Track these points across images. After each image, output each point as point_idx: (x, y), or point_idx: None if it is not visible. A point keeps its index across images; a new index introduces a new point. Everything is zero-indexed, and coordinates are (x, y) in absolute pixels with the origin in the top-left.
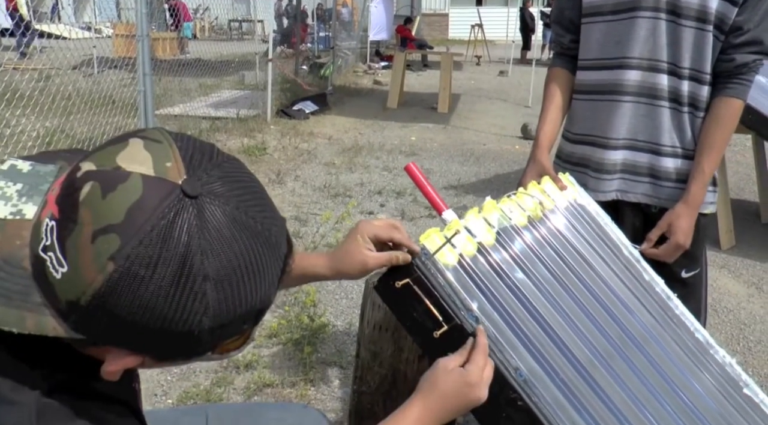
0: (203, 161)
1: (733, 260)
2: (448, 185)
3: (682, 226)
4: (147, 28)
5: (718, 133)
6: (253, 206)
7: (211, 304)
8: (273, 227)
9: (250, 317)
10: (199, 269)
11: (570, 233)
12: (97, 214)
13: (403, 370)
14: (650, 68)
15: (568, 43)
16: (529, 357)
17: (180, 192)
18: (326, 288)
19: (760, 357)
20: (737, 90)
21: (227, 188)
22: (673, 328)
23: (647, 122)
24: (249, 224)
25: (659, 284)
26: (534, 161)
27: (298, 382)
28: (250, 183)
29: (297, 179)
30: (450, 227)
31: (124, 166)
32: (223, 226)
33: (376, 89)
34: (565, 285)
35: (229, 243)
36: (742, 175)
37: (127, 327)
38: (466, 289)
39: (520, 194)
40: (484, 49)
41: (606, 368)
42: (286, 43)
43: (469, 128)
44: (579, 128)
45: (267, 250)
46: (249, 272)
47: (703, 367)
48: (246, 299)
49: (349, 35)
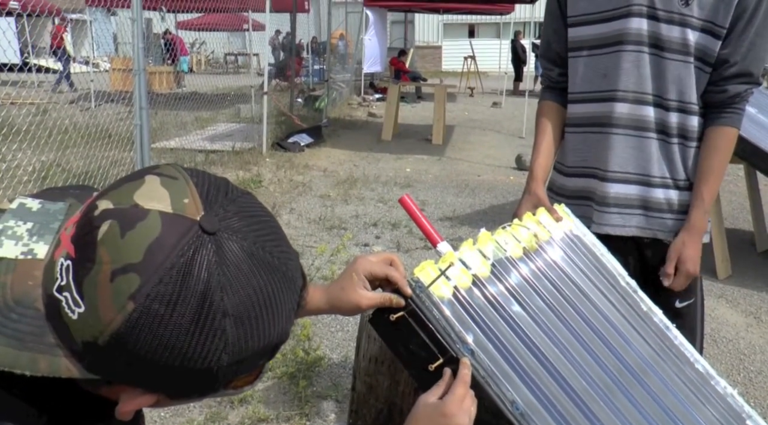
0: (219, 197)
1: (731, 289)
2: (443, 216)
3: (690, 254)
4: (143, 63)
5: (715, 161)
6: (269, 240)
7: (230, 340)
8: (289, 261)
9: (267, 352)
10: (219, 306)
11: (566, 264)
12: (116, 253)
13: (399, 404)
14: (636, 101)
15: (557, 76)
16: (525, 389)
17: (198, 229)
18: (322, 321)
19: (761, 388)
20: (732, 119)
21: (244, 223)
22: (673, 359)
23: (637, 153)
24: (266, 259)
25: (657, 315)
26: (529, 193)
27: (293, 416)
28: (266, 218)
29: (292, 212)
30: (444, 260)
31: (142, 203)
32: (241, 262)
33: (370, 121)
34: (561, 317)
35: (248, 279)
36: (736, 204)
37: (145, 366)
38: (461, 321)
39: (515, 225)
40: (477, 80)
41: (605, 401)
42: (281, 76)
43: (464, 160)
44: (573, 161)
45: (284, 285)
46: (267, 307)
47: (705, 399)
48: (264, 334)
49: (343, 68)
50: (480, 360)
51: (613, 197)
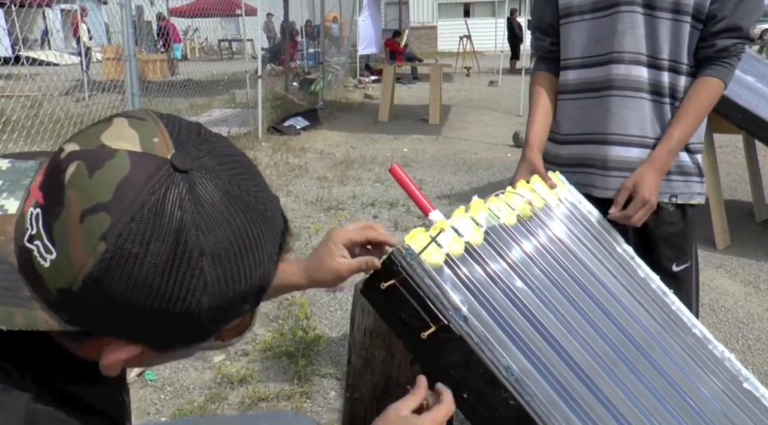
0: (191, 137)
1: (729, 259)
2: (441, 194)
3: (645, 183)
4: (134, 49)
5: (691, 105)
6: (246, 179)
7: (209, 281)
8: (268, 202)
9: (250, 297)
10: (195, 245)
11: (561, 231)
12: (84, 193)
13: (396, 376)
14: (632, 62)
15: (549, 46)
16: (520, 355)
17: (170, 167)
18: (320, 301)
19: (760, 355)
20: (717, 70)
21: (218, 161)
22: (671, 324)
23: (635, 115)
24: (243, 197)
25: (654, 281)
26: (524, 160)
27: (294, 395)
28: (241, 158)
29: (289, 194)
30: (436, 228)
31: (110, 144)
32: (216, 200)
33: (366, 103)
34: (557, 283)
35: (224, 217)
36: (735, 176)
37: (123, 311)
38: (454, 288)
39: (508, 192)
40: (474, 60)
41: (608, 373)
42: (276, 61)
43: (461, 138)
44: (568, 128)
45: (263, 224)
46: (246, 246)
47: (704, 365)
48: (245, 275)
49: (338, 50)
50: (473, 326)
51: (614, 160)
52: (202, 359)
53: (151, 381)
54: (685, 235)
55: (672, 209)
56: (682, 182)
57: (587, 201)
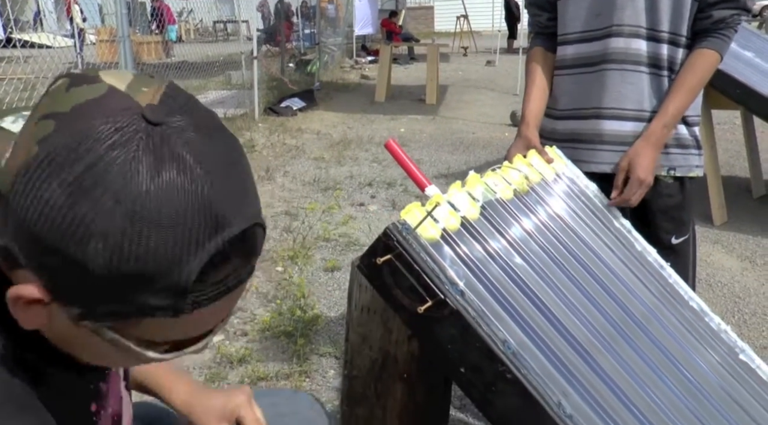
0: (189, 108)
1: (726, 235)
2: (438, 174)
3: (641, 162)
4: (128, 30)
5: (687, 77)
6: (220, 178)
7: (110, 231)
8: (230, 208)
9: (159, 287)
10: (114, 190)
11: (558, 205)
12: (51, 102)
13: (393, 352)
14: (631, 35)
15: (545, 21)
16: (517, 329)
17: (140, 114)
18: (318, 280)
19: (755, 329)
20: (713, 43)
21: (201, 141)
22: (667, 297)
23: (632, 88)
24: (198, 180)
25: (651, 254)
26: (521, 137)
27: (293, 374)
28: (235, 160)
29: (286, 175)
30: (432, 202)
31: (103, 76)
32: (167, 169)
33: (363, 84)
34: (554, 258)
35: (165, 190)
36: (732, 152)
37: (25, 234)
38: (450, 263)
39: (505, 167)
40: (471, 39)
41: (605, 346)
42: (272, 42)
43: (458, 118)
44: (564, 104)
45: (205, 219)
46: (174, 223)
47: (701, 337)
48: (157, 251)
49: (334, 31)
50: (470, 300)
51: (608, 134)
52: None
53: None
54: (683, 207)
55: (670, 181)
56: (680, 155)
57: (584, 176)
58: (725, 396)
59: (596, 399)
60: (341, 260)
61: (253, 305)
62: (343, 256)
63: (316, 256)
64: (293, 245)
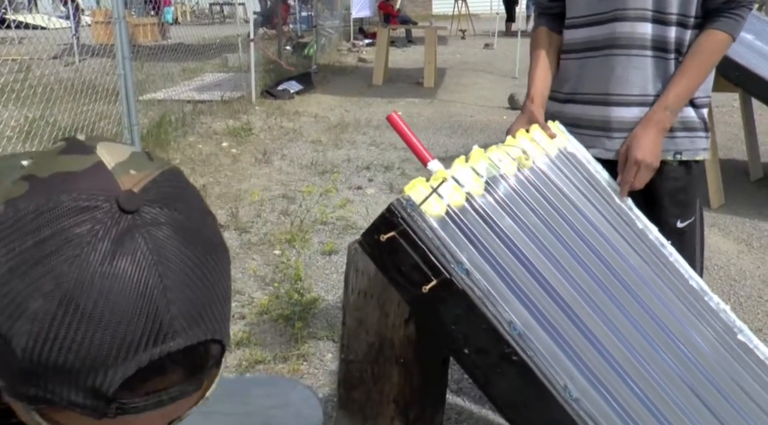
0: (174, 201)
1: (723, 218)
2: (436, 157)
3: (638, 144)
4: (123, 11)
5: (694, 60)
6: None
7: (40, 314)
8: (181, 319)
9: (81, 383)
10: (57, 270)
11: (560, 181)
12: (39, 163)
13: (390, 336)
14: (637, 18)
15: (548, 2)
16: (523, 309)
17: (114, 199)
18: (315, 264)
19: (750, 312)
20: (723, 23)
21: (172, 240)
22: (667, 275)
23: (638, 73)
24: (150, 287)
25: (652, 232)
26: (524, 112)
27: (290, 357)
28: (206, 271)
29: (284, 158)
30: (436, 177)
31: (99, 148)
32: (119, 262)
33: (360, 67)
34: (557, 233)
35: (110, 283)
36: (730, 135)
37: None
38: (455, 241)
39: (508, 142)
40: (469, 22)
41: (595, 310)
42: (269, 25)
43: (456, 101)
44: (570, 87)
45: (145, 325)
46: (108, 322)
47: (698, 313)
48: (81, 346)
49: (331, 14)
50: (476, 280)
51: (616, 121)
52: None
53: None
54: (689, 191)
55: (676, 165)
56: (686, 139)
57: (586, 151)
58: (722, 372)
59: (601, 381)
60: (339, 244)
61: (251, 288)
62: (340, 239)
63: (314, 239)
64: (290, 228)
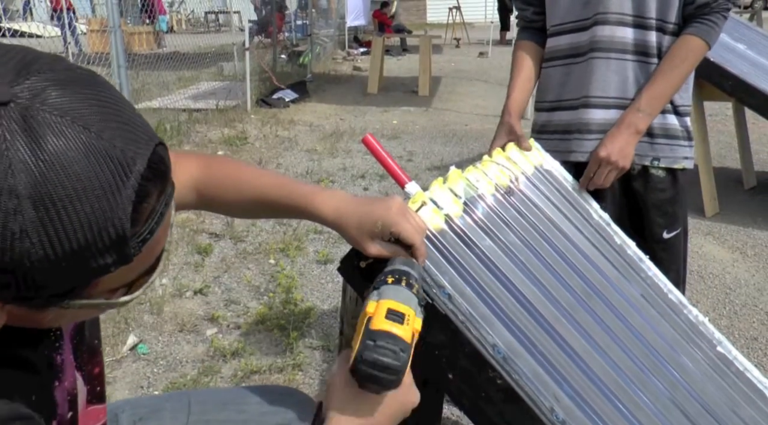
0: (27, 66)
1: (718, 226)
2: (431, 165)
3: (604, 143)
4: (118, 20)
5: (666, 64)
6: (101, 123)
7: (28, 226)
8: (127, 147)
9: (102, 246)
10: (4, 187)
11: (538, 198)
12: None
13: None
14: (618, 22)
15: (531, 15)
16: (505, 331)
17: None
18: (310, 273)
19: (745, 320)
20: (697, 28)
21: (63, 97)
22: (646, 289)
23: (617, 77)
24: (87, 142)
25: (631, 247)
26: (502, 124)
27: (286, 367)
28: (105, 99)
29: (279, 167)
30: (415, 200)
31: None
32: (46, 142)
33: (355, 75)
34: (536, 252)
35: (57, 163)
36: (724, 143)
37: None
38: (436, 265)
39: (485, 161)
40: (463, 31)
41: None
42: (264, 33)
43: (451, 110)
44: (555, 95)
45: (110, 170)
46: (84, 190)
47: (681, 331)
48: (81, 221)
49: (326, 23)
50: (458, 304)
51: (595, 123)
52: (195, 332)
53: (144, 355)
54: (675, 202)
55: (662, 175)
56: (666, 146)
57: (563, 168)
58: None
59: (587, 401)
60: (334, 253)
61: (246, 298)
62: (336, 248)
63: (309, 248)
64: (285, 237)
